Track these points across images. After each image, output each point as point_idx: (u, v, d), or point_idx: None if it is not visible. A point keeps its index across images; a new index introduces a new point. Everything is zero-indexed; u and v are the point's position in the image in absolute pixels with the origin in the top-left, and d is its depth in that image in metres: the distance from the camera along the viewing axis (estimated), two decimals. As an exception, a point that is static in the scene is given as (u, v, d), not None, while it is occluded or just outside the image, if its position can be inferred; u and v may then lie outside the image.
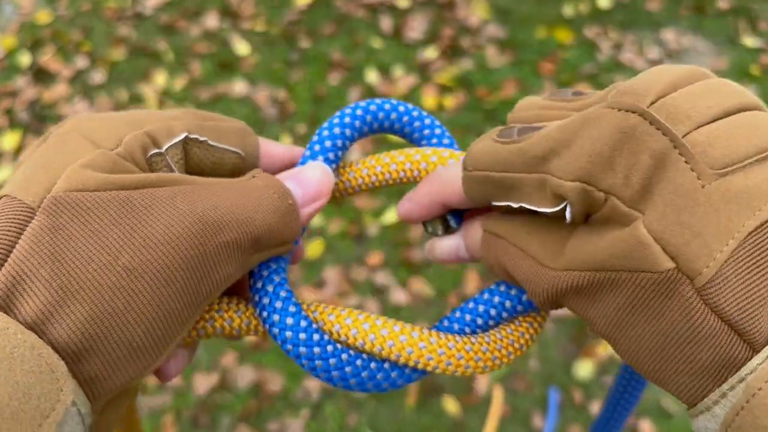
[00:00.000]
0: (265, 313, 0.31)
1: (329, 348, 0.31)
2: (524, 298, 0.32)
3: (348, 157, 0.38)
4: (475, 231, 0.34)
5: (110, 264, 0.24)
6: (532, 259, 0.28)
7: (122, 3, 2.38)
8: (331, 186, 0.34)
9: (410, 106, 0.36)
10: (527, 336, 0.32)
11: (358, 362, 0.31)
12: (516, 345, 0.31)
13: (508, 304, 0.32)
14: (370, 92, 2.10)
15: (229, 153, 0.33)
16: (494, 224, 0.32)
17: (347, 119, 0.35)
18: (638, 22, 2.26)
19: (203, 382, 1.59)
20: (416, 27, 2.26)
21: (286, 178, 0.33)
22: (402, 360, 0.30)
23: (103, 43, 2.28)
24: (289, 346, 0.31)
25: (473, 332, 0.32)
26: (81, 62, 2.23)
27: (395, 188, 1.84)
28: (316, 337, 0.31)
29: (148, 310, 0.24)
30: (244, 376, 1.60)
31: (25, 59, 2.23)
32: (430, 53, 2.19)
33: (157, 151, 0.29)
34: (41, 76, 2.20)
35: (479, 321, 0.32)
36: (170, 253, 0.25)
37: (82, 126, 0.29)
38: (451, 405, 1.55)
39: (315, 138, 0.35)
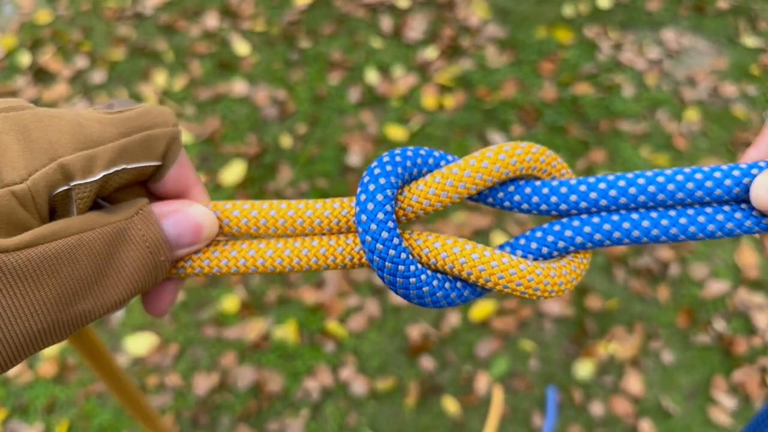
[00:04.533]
0: (363, 217, 0.33)
1: (412, 267, 0.33)
2: (578, 240, 0.35)
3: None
4: None
5: None
6: None
7: (122, 3, 2.38)
8: (212, 234, 0.35)
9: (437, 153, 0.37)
10: (579, 269, 0.36)
11: (434, 282, 0.34)
12: (570, 276, 0.35)
13: (578, 240, 0.35)
14: (370, 92, 2.10)
15: (148, 168, 0.33)
16: None
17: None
18: (638, 22, 2.26)
19: (203, 382, 1.59)
20: (416, 27, 2.26)
21: (167, 214, 0.34)
22: (473, 278, 0.34)
23: (103, 43, 2.28)
24: (376, 258, 0.33)
25: (536, 259, 0.35)
26: (81, 62, 2.23)
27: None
28: (403, 255, 0.33)
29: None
30: (244, 376, 1.60)
31: (25, 59, 2.23)
32: (430, 53, 2.19)
33: (63, 188, 0.29)
34: (41, 76, 2.20)
35: (544, 250, 0.35)
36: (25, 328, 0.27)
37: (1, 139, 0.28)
38: (451, 405, 1.55)
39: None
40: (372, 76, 2.13)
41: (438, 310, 1.67)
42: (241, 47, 2.22)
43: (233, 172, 1.92)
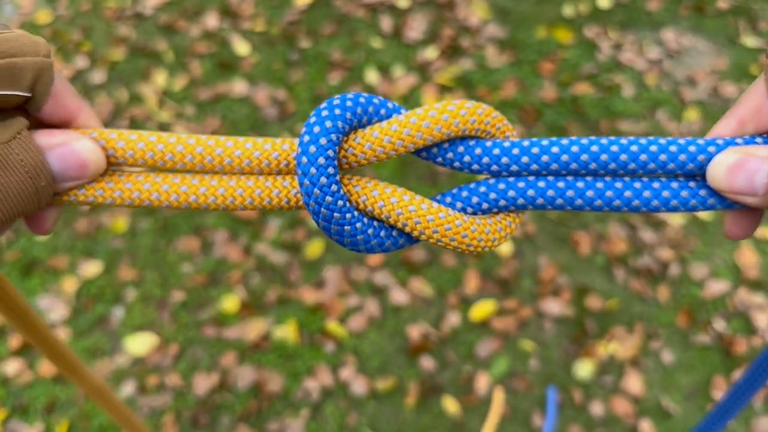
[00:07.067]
0: (304, 159, 0.33)
1: (348, 216, 0.33)
2: (520, 202, 0.35)
3: None
4: None
5: None
6: None
7: (122, 3, 2.38)
8: (98, 170, 0.35)
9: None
10: (514, 224, 0.36)
11: (370, 231, 0.34)
12: (504, 232, 0.36)
13: (521, 201, 0.35)
14: (370, 92, 2.10)
15: (15, 97, 0.32)
16: None
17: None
18: (638, 22, 2.26)
19: (203, 382, 1.59)
20: (416, 27, 2.26)
21: (54, 147, 0.33)
22: (408, 229, 0.34)
23: (103, 43, 2.28)
24: (312, 203, 0.33)
25: (474, 213, 0.36)
26: (81, 62, 2.23)
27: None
28: (340, 203, 0.33)
29: None
30: (244, 376, 1.60)
31: (25, 59, 2.23)
32: (430, 53, 2.19)
33: None
34: (41, 76, 2.20)
35: (484, 206, 0.36)
36: None
37: None
38: (451, 405, 1.55)
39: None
40: (372, 76, 2.13)
41: (437, 310, 1.67)
42: (241, 47, 2.23)
43: (233, 172, 1.92)
